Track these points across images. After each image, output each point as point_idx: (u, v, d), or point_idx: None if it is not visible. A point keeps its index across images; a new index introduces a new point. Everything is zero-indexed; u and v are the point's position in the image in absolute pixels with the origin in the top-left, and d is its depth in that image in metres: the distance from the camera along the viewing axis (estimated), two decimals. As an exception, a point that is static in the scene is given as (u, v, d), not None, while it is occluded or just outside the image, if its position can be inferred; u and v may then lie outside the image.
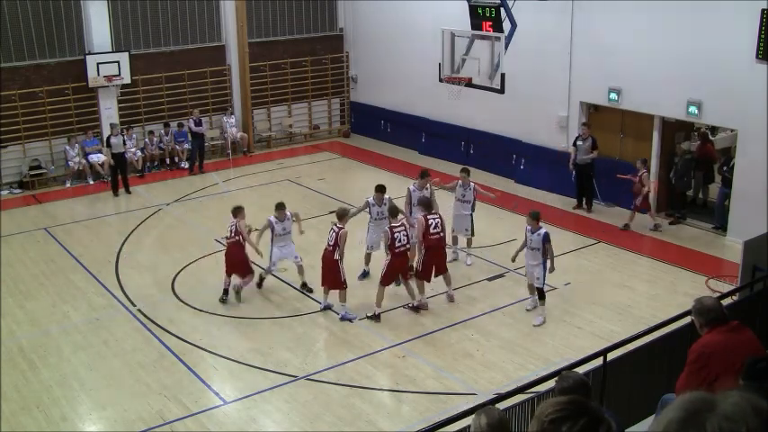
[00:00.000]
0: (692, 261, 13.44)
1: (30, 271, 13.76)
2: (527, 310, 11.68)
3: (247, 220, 12.30)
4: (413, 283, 11.75)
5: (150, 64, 20.05)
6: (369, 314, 11.56)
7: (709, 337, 5.57)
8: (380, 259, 12.00)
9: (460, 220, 13.36)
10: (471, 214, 13.31)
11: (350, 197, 17.41)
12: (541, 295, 11.42)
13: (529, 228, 11.26)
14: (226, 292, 12.24)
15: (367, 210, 12.80)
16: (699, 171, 15.72)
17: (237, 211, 12.31)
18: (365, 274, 12.97)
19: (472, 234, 13.40)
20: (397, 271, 11.59)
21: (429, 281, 11.84)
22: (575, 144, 16.10)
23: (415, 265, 11.79)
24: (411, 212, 12.74)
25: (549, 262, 11.22)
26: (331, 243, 11.49)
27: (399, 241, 11.36)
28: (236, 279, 12.29)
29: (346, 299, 11.68)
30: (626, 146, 16.28)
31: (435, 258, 11.70)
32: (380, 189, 12.68)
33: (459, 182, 13.43)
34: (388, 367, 10.33)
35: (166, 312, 12.02)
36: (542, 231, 11.13)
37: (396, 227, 11.45)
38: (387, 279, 11.54)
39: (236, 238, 12.14)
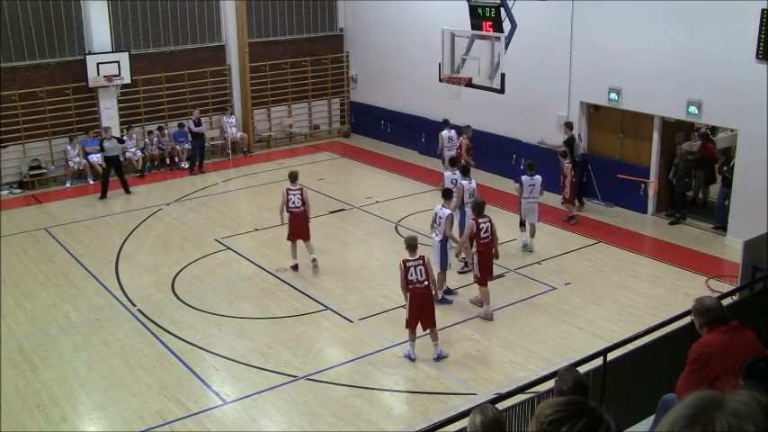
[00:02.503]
0: (692, 261, 13.44)
1: (30, 271, 13.76)
2: (525, 243, 13.93)
3: (248, 220, 12.32)
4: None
5: (150, 64, 20.05)
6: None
7: (710, 337, 5.57)
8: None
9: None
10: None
11: (350, 197, 17.44)
12: (533, 232, 13.94)
13: (526, 175, 13.70)
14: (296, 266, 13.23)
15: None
16: (700, 171, 15.72)
17: (296, 177, 13.36)
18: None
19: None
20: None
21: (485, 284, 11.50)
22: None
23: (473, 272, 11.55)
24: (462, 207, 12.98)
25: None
26: (423, 278, 10.12)
27: (485, 232, 11.37)
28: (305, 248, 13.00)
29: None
30: (626, 146, 16.28)
31: (487, 261, 11.43)
32: None
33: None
34: (388, 367, 10.32)
35: (166, 312, 12.02)
36: (537, 177, 13.55)
37: (481, 221, 11.40)
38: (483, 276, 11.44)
39: (303, 207, 12.99)
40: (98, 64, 18.71)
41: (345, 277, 13.11)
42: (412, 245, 10.18)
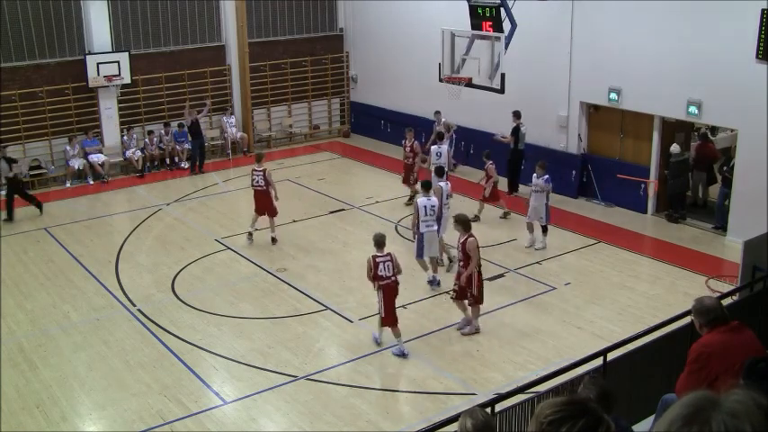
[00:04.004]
0: (692, 261, 13.44)
1: (30, 271, 13.76)
2: (526, 247, 14.02)
3: (248, 220, 12.33)
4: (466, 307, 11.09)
5: (150, 64, 20.05)
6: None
7: (710, 337, 5.57)
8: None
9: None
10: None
11: (350, 197, 17.44)
12: (545, 230, 14.00)
13: (535, 174, 13.86)
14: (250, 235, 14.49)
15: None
16: (700, 172, 15.70)
17: (260, 158, 14.57)
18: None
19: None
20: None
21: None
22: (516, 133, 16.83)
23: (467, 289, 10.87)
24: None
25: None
26: (390, 274, 10.39)
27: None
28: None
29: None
30: (626, 146, 16.28)
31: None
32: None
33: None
34: (388, 367, 10.32)
35: (166, 312, 12.02)
36: (546, 176, 13.71)
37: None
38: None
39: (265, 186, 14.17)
40: (98, 64, 18.70)
41: (345, 277, 13.11)
42: (380, 241, 10.43)
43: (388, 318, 10.47)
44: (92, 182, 19.03)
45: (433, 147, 16.37)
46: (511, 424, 6.50)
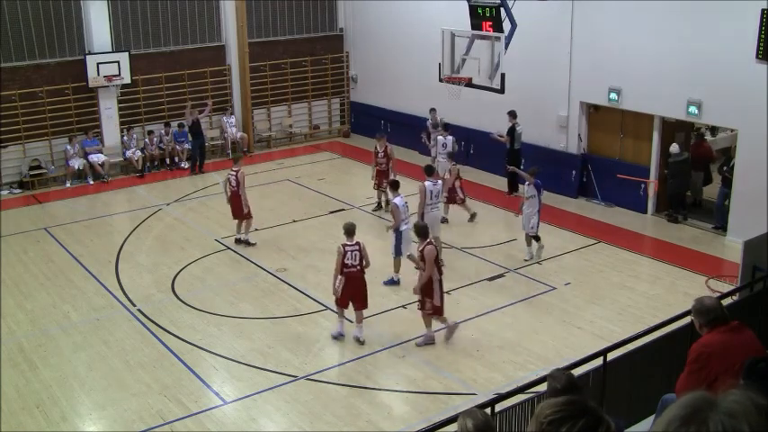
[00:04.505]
0: (692, 261, 13.44)
1: (30, 271, 13.76)
2: (525, 259, 13.56)
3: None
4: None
5: (150, 64, 20.05)
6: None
7: (710, 337, 5.57)
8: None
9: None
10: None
11: (350, 197, 17.43)
12: (534, 239, 13.54)
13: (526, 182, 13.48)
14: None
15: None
16: (698, 172, 15.70)
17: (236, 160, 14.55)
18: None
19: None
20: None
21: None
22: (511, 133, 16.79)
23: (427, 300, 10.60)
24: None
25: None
26: (356, 263, 10.63)
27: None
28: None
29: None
30: (626, 146, 16.28)
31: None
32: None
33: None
34: (388, 367, 10.32)
35: (166, 312, 12.02)
36: (534, 182, 13.18)
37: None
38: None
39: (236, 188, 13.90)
40: (98, 64, 18.70)
41: (345, 277, 13.09)
42: (350, 230, 10.76)
43: (343, 300, 10.78)
44: (92, 182, 19.04)
45: (439, 137, 16.36)
46: (511, 424, 6.50)
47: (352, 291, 10.72)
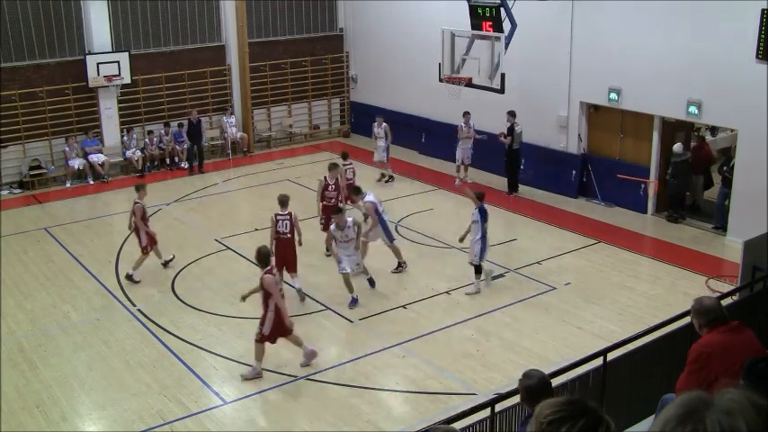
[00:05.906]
0: (692, 261, 13.44)
1: (30, 271, 13.76)
2: (467, 294, 12.25)
3: (247, 220, 12.33)
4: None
5: (150, 64, 20.05)
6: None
7: (710, 337, 5.57)
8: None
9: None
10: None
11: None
12: (478, 269, 12.19)
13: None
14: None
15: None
16: (698, 174, 15.68)
17: (141, 188, 13.42)
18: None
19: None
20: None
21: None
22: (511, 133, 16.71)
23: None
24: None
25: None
26: (287, 231, 11.92)
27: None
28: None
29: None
30: (626, 146, 16.28)
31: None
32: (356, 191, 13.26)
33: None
34: (388, 367, 10.32)
35: (166, 312, 12.02)
36: (478, 207, 12.02)
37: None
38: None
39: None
40: (98, 64, 18.70)
41: (345, 277, 13.09)
42: (283, 201, 11.99)
43: (277, 262, 11.46)
44: (92, 182, 19.04)
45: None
46: (511, 424, 6.50)
47: (284, 254, 11.89)
